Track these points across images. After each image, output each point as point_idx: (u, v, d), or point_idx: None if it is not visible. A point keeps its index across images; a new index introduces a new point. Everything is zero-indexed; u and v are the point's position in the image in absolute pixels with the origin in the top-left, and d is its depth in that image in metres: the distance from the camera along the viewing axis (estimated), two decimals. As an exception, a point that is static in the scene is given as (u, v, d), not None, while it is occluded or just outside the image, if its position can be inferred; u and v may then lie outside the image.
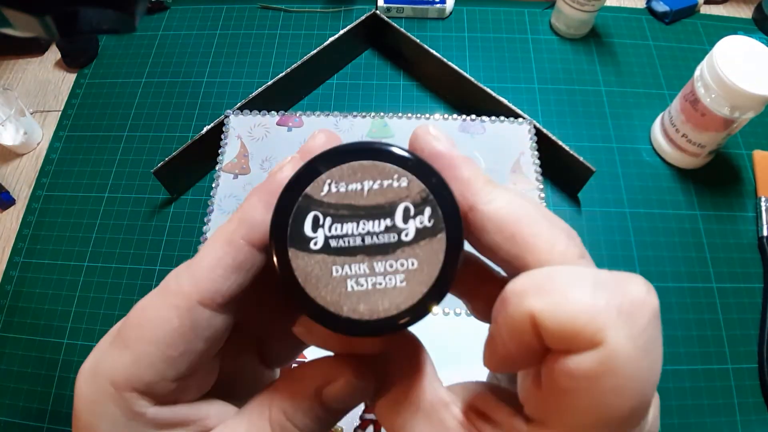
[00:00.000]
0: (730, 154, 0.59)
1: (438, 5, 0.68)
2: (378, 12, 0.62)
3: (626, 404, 0.13)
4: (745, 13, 0.71)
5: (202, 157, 0.55)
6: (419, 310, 0.15)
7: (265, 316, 0.21)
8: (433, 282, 0.15)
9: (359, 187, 0.15)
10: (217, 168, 0.51)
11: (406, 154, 0.15)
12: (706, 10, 0.70)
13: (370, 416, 0.39)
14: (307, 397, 0.17)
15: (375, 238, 0.15)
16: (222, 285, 0.16)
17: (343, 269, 0.15)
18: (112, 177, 0.59)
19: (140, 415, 0.16)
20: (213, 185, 0.50)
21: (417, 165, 0.15)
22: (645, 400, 0.14)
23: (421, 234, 0.15)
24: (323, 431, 0.17)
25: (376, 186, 0.15)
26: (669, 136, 0.57)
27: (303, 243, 0.15)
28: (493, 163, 0.51)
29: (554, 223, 0.15)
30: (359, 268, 0.15)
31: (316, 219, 0.15)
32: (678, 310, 0.50)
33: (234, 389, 0.20)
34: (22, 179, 0.60)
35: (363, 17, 0.62)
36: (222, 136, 0.53)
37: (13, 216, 0.57)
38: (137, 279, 0.52)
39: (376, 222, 0.15)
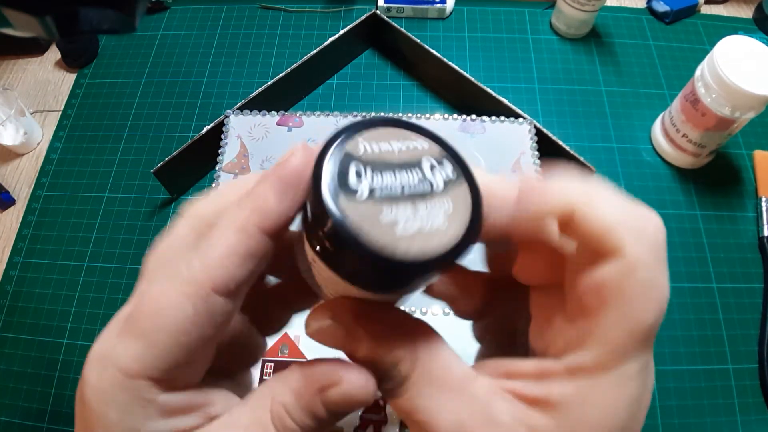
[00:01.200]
0: (730, 154, 0.59)
1: (438, 5, 0.68)
2: (378, 12, 0.62)
3: (651, 313, 0.15)
4: (746, 13, 0.71)
5: (202, 157, 0.55)
6: (465, 244, 0.16)
7: (263, 287, 0.21)
8: (469, 220, 0.16)
9: (389, 147, 0.17)
10: (217, 168, 0.51)
11: (416, 122, 0.18)
12: (706, 10, 0.70)
13: (370, 416, 0.40)
14: (310, 395, 0.17)
15: (412, 187, 0.16)
16: (236, 272, 0.16)
17: (391, 214, 0.16)
18: (112, 177, 0.59)
19: (150, 402, 0.16)
20: (213, 185, 0.50)
21: (427, 132, 0.17)
22: (663, 311, 0.15)
23: (448, 183, 0.17)
24: (321, 431, 0.17)
25: (403, 146, 0.17)
26: (669, 136, 0.57)
27: (350, 193, 0.16)
28: (493, 163, 0.51)
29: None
30: (405, 213, 0.16)
31: (358, 172, 0.16)
32: (678, 310, 0.50)
33: (229, 356, 0.20)
34: (22, 179, 0.60)
35: (363, 17, 0.62)
36: (222, 136, 0.53)
37: (13, 216, 0.57)
38: (137, 279, 0.52)
39: (410, 174, 0.16)
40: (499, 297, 0.21)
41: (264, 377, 0.41)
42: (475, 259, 0.19)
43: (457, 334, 0.43)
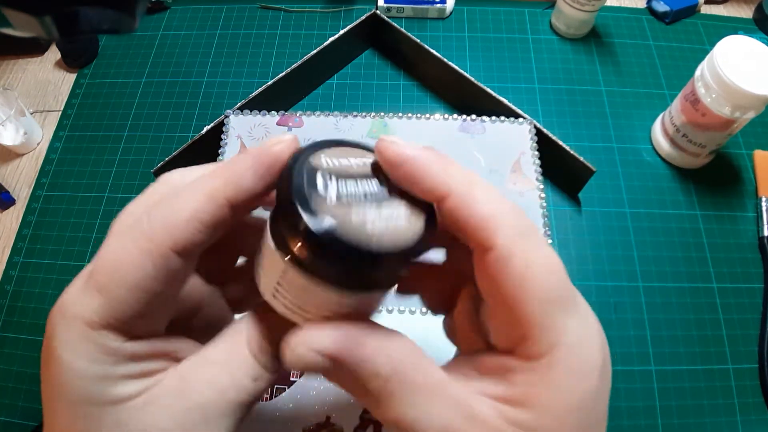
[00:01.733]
0: (730, 154, 0.59)
1: (438, 5, 0.68)
2: (378, 12, 0.62)
3: (554, 284, 0.16)
4: (746, 13, 0.71)
5: (202, 157, 0.55)
6: (425, 239, 0.18)
7: (229, 262, 0.23)
8: (425, 218, 0.18)
9: (348, 162, 0.19)
10: (217, 168, 0.51)
11: (371, 144, 0.19)
12: (706, 10, 0.70)
13: (370, 416, 0.39)
14: (270, 341, 0.18)
15: (373, 194, 0.18)
16: (196, 236, 0.17)
17: (359, 215, 0.17)
18: (112, 177, 0.59)
19: (116, 350, 0.17)
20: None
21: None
22: (561, 273, 0.17)
23: (401, 191, 0.19)
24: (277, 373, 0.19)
25: (359, 162, 0.19)
26: (669, 136, 0.57)
27: (320, 198, 0.17)
28: (493, 163, 0.51)
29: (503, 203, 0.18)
30: (372, 214, 0.17)
31: (324, 181, 0.17)
32: (678, 310, 0.50)
33: (199, 324, 0.21)
34: (22, 179, 0.60)
35: (363, 17, 0.61)
36: (222, 136, 0.53)
37: (13, 216, 0.57)
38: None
39: (369, 183, 0.18)
40: (463, 290, 0.22)
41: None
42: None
43: (439, 333, 0.43)
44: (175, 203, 0.17)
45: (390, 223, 0.17)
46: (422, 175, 0.18)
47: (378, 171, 0.19)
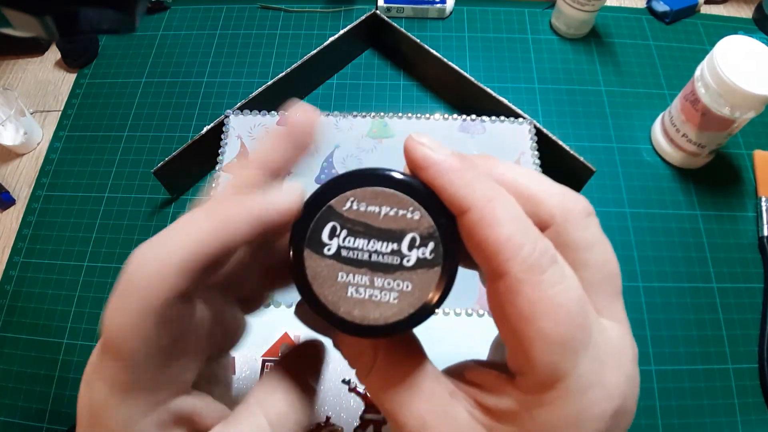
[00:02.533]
0: (730, 154, 0.59)
1: (438, 5, 0.68)
2: (378, 12, 0.62)
3: (563, 326, 0.15)
4: (746, 13, 0.71)
5: (202, 157, 0.55)
6: (402, 326, 0.17)
7: (244, 273, 0.22)
8: (420, 306, 0.17)
9: (377, 210, 0.17)
10: (217, 168, 0.51)
11: (423, 189, 0.17)
12: (706, 10, 0.70)
13: (370, 416, 0.39)
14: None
15: (381, 257, 0.17)
16: (191, 283, 0.16)
17: (347, 277, 0.17)
18: (112, 177, 0.59)
19: (145, 413, 0.16)
20: (213, 185, 0.50)
21: (431, 202, 0.17)
22: (575, 317, 0.16)
23: (421, 263, 0.17)
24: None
25: (391, 213, 0.17)
26: (669, 136, 0.57)
27: (318, 247, 0.17)
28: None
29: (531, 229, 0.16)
30: (361, 279, 0.17)
31: (333, 229, 0.17)
32: (678, 310, 0.50)
33: (211, 338, 0.21)
34: (22, 179, 0.60)
35: (363, 17, 0.61)
36: (222, 136, 0.53)
37: (13, 216, 0.57)
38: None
39: (385, 244, 0.17)
40: None
41: (264, 376, 0.41)
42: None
43: (452, 332, 0.43)
44: (164, 251, 0.16)
45: (376, 295, 0.17)
46: (443, 185, 0.16)
47: (407, 229, 0.17)
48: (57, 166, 0.60)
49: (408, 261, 0.17)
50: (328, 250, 0.17)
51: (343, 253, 0.17)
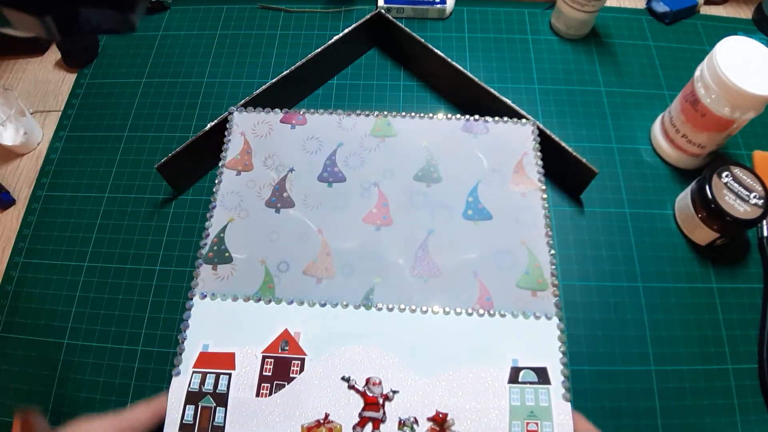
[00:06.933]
0: (730, 155, 0.59)
1: (438, 5, 0.68)
2: (383, 11, 0.62)
3: None
4: (745, 13, 0.71)
5: (205, 153, 0.55)
6: None
7: None
8: None
9: None
10: (220, 164, 0.51)
11: None
12: (706, 10, 0.70)
13: (368, 414, 0.40)
14: None
15: None
16: None
17: None
18: (112, 177, 0.59)
19: None
20: (216, 181, 0.50)
21: None
22: None
23: None
24: None
25: None
26: (669, 136, 0.57)
27: None
28: (495, 164, 0.51)
29: None
30: None
31: None
32: (678, 310, 0.50)
33: None
34: (22, 179, 0.60)
35: (368, 16, 0.61)
36: (225, 133, 0.53)
37: (13, 216, 0.57)
38: (137, 279, 0.52)
39: None
40: None
41: (264, 372, 0.41)
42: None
43: (453, 333, 0.43)
44: None
45: None
46: None
47: None
48: (57, 166, 0.60)
49: None
50: None
51: None
